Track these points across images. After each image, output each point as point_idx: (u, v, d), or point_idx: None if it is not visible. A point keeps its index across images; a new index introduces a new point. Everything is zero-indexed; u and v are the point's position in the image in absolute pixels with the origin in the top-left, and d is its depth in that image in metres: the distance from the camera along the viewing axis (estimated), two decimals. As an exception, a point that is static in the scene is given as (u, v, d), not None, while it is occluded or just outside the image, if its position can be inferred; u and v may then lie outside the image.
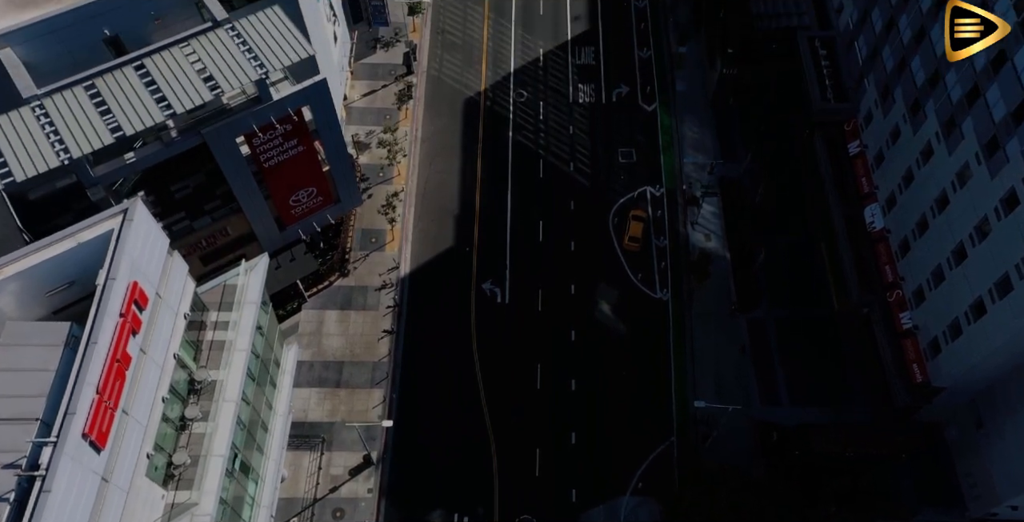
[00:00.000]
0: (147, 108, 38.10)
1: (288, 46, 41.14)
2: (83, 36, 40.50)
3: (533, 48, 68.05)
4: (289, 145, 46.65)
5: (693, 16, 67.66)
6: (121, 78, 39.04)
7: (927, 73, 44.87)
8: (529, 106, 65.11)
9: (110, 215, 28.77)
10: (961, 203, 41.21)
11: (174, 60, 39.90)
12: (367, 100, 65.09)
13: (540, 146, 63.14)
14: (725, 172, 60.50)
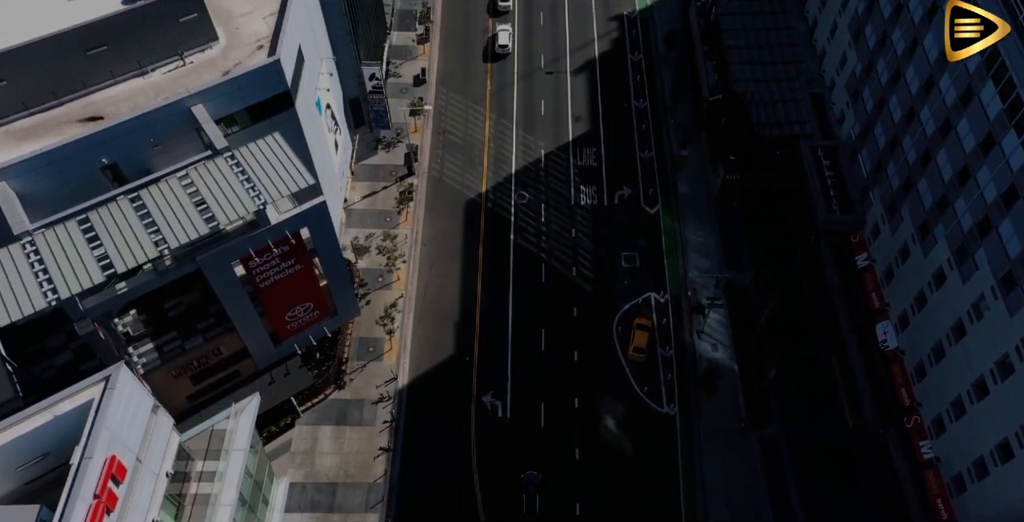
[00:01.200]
0: (141, 243, 37.16)
1: (288, 175, 40.55)
2: (81, 166, 39.96)
3: (534, 149, 68.12)
4: (286, 265, 45.57)
5: (694, 118, 68.02)
6: (116, 210, 38.26)
7: (935, 197, 44.32)
8: (530, 208, 64.64)
9: (91, 383, 27.34)
10: (979, 335, 39.91)
11: (171, 191, 39.24)
12: (368, 202, 64.65)
13: (542, 249, 62.33)
14: (731, 278, 59.46)
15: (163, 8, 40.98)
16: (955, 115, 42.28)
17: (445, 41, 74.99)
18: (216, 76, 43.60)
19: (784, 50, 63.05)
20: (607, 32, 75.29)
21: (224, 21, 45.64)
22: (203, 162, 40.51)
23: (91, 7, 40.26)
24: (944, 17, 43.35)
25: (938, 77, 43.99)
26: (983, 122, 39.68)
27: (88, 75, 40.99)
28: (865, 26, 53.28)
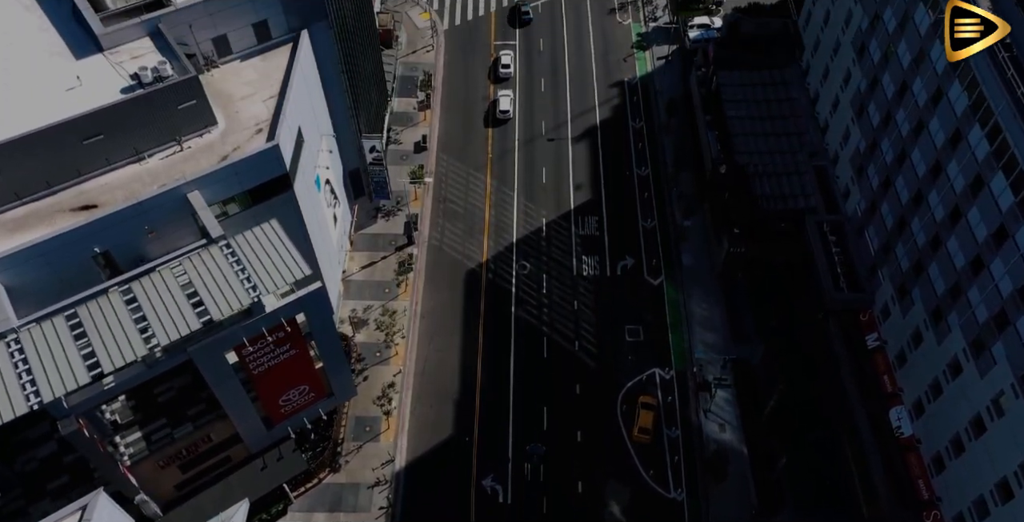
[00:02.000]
0: (130, 341, 35.92)
1: (284, 266, 39.54)
2: (72, 256, 39.02)
3: (535, 217, 67.41)
4: (281, 350, 44.18)
5: (697, 187, 67.49)
6: (105, 304, 37.14)
7: (947, 283, 43.26)
8: (532, 279, 63.59)
9: (67, 514, 25.76)
10: (1001, 434, 38.34)
11: (163, 282, 38.19)
12: (366, 272, 63.62)
13: (544, 322, 61.03)
14: (738, 354, 58.01)
15: (162, 96, 40.58)
16: (965, 203, 41.52)
17: (446, 107, 75.04)
18: (214, 161, 43.01)
19: (787, 122, 62.93)
20: (608, 98, 75.41)
21: (224, 104, 45.29)
22: (197, 251, 39.62)
23: (89, 96, 39.92)
24: (949, 101, 43.24)
25: (946, 162, 43.40)
26: (994, 213, 38.86)
27: (83, 163, 40.37)
28: (868, 103, 53.04)
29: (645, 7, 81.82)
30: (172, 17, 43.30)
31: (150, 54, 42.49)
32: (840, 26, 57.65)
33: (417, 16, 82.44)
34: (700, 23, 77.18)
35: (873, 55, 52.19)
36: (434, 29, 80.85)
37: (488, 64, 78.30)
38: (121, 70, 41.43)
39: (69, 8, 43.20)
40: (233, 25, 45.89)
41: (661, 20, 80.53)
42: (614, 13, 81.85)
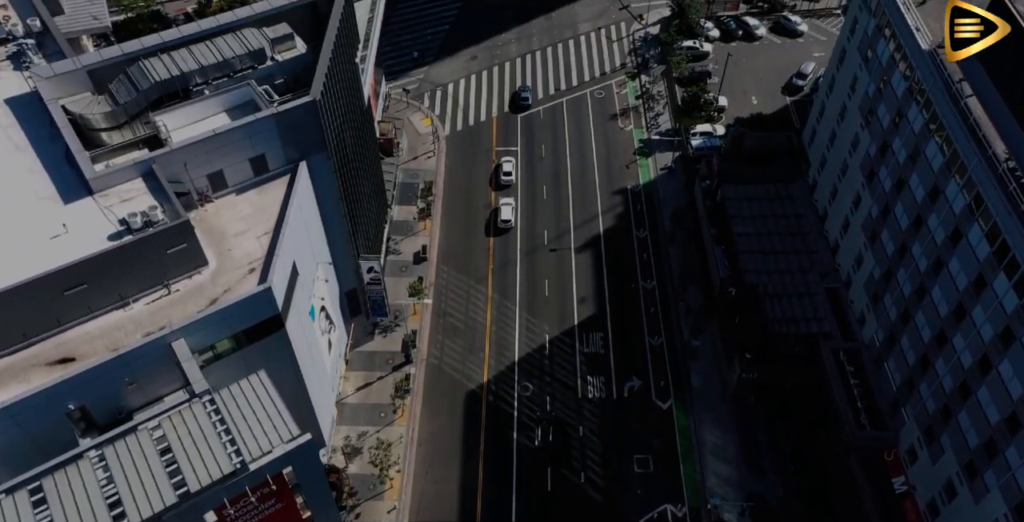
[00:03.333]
0: (96, 519, 32.96)
1: (271, 426, 36.91)
2: (46, 415, 36.52)
3: (538, 333, 65.10)
4: (265, 506, 40.91)
5: (705, 302, 65.47)
6: (74, 474, 34.28)
7: (980, 438, 40.51)
8: (535, 401, 60.70)
9: None
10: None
11: (139, 447, 35.40)
12: (362, 394, 60.80)
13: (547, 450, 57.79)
14: (755, 489, 54.54)
15: (151, 242, 38.97)
16: (994, 353, 39.27)
17: (447, 215, 73.98)
18: (203, 304, 41.02)
19: (795, 239, 61.51)
20: (611, 207, 74.43)
21: (216, 241, 43.71)
22: (179, 409, 37.09)
23: (75, 244, 38.32)
24: (969, 243, 41.55)
25: (970, 306, 41.40)
26: (1029, 370, 36.58)
27: (64, 313, 38.36)
28: (881, 231, 51.62)
29: (647, 113, 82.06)
30: (167, 157, 42.27)
31: (141, 196, 41.17)
32: (847, 148, 56.98)
33: (419, 121, 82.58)
34: (702, 131, 77.07)
35: (884, 183, 51.16)
36: (435, 135, 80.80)
37: (489, 170, 77.77)
38: (110, 214, 40.00)
39: (62, 149, 42.23)
40: (230, 161, 44.87)
41: (663, 126, 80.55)
42: (616, 119, 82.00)
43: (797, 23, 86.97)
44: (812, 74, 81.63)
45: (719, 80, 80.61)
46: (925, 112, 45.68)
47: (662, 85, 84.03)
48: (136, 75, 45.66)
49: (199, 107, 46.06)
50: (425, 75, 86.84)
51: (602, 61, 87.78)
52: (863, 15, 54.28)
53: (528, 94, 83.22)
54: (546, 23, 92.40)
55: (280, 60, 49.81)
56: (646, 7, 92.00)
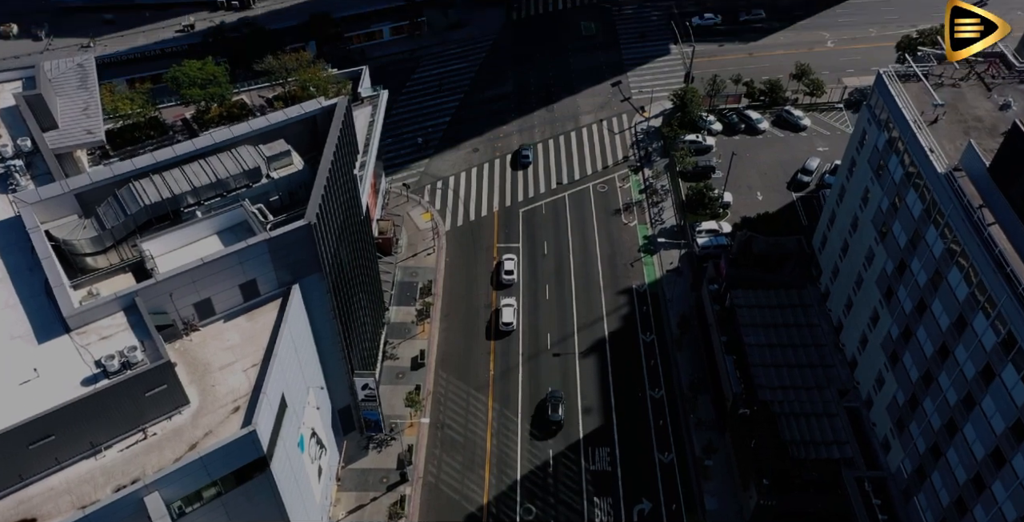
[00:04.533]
0: None
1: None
2: (-3, 586, 33.26)
3: (541, 448, 61.60)
4: None
5: (716, 415, 62.24)
6: None
7: (1030, 602, 36.78)
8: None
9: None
10: None
11: None
12: (354, 517, 56.91)
13: (552, 585, 53.64)
14: None
15: (129, 386, 36.33)
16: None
17: (446, 316, 71.55)
18: (182, 449, 38.02)
19: (810, 351, 58.84)
20: (616, 308, 72.11)
21: (200, 376, 41.07)
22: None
23: (45, 390, 35.66)
24: (1003, 384, 38.82)
25: (1009, 453, 38.37)
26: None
27: (27, 468, 35.38)
28: (903, 354, 49.04)
29: (651, 208, 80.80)
30: (152, 289, 40.15)
31: (121, 333, 38.79)
32: (861, 261, 55.04)
33: (419, 216, 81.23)
34: (708, 228, 75.51)
35: (903, 303, 48.90)
36: (435, 231, 79.25)
37: (490, 268, 75.82)
38: (87, 355, 37.53)
39: (42, 280, 40.14)
40: (218, 288, 42.72)
41: (668, 222, 79.12)
42: (619, 214, 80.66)
43: (799, 117, 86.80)
44: (817, 170, 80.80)
45: (723, 175, 79.69)
46: (945, 238, 43.82)
47: (666, 179, 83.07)
48: (125, 198, 44.09)
49: (189, 231, 44.28)
50: (426, 168, 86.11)
51: (604, 154, 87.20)
52: (872, 129, 53.29)
53: (529, 152, 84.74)
54: (548, 115, 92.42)
55: (276, 177, 48.49)
56: (648, 99, 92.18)
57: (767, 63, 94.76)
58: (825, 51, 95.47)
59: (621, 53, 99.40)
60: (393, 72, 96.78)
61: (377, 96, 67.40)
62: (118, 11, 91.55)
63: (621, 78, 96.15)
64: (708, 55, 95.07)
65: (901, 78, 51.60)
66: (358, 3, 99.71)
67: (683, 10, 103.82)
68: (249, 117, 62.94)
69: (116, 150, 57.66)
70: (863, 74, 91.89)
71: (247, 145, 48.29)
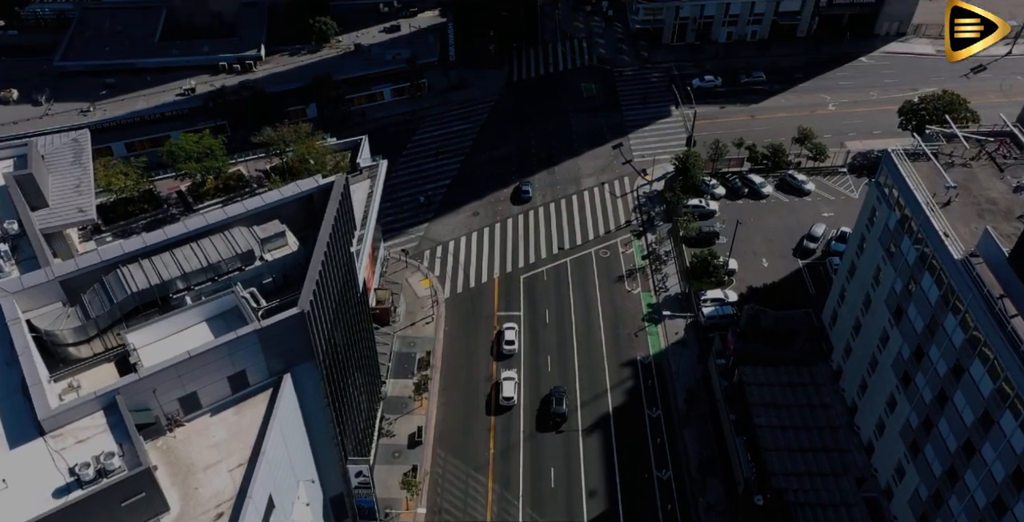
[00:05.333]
0: None
1: None
2: None
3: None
4: None
5: (726, 497, 59.37)
6: None
7: None
8: None
9: None
10: None
11: None
12: (344, 614, 53.66)
13: None
14: None
15: (104, 496, 33.99)
16: None
17: (445, 390, 69.19)
18: (157, 563, 35.59)
19: (824, 434, 56.45)
20: (621, 381, 69.81)
21: (182, 478, 38.66)
22: None
23: (11, 504, 33.24)
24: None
25: (1046, 567, 35.84)
26: None
27: (-9, 589, 32.88)
28: (924, 444, 46.68)
29: (654, 275, 79.24)
30: (134, 386, 38.14)
31: (99, 436, 36.55)
32: (875, 342, 53.14)
33: (417, 283, 79.61)
34: (713, 297, 73.75)
35: (922, 391, 46.82)
36: (434, 298, 77.48)
37: (491, 338, 73.78)
38: (61, 461, 35.27)
39: (19, 377, 38.14)
40: (205, 381, 40.67)
41: (672, 290, 77.44)
42: (622, 281, 79.03)
43: (803, 181, 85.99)
44: (823, 236, 79.53)
45: (729, 241, 78.38)
46: (965, 327, 42.03)
47: (669, 245, 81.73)
48: (112, 285, 42.42)
49: (177, 319, 42.50)
50: (425, 232, 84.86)
51: (606, 218, 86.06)
52: (882, 207, 52.08)
53: (529, 188, 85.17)
54: (549, 177, 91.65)
55: (270, 260, 46.96)
56: (650, 161, 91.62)
57: (769, 126, 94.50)
58: (827, 114, 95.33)
59: (622, 115, 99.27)
60: (394, 133, 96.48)
61: (376, 166, 66.51)
62: (120, 75, 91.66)
63: (622, 140, 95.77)
64: (710, 117, 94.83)
65: (910, 157, 50.60)
66: (359, 66, 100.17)
67: (683, 72, 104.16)
68: (246, 189, 62.00)
69: (108, 225, 56.36)
70: (866, 137, 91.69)
71: (240, 226, 46.89)
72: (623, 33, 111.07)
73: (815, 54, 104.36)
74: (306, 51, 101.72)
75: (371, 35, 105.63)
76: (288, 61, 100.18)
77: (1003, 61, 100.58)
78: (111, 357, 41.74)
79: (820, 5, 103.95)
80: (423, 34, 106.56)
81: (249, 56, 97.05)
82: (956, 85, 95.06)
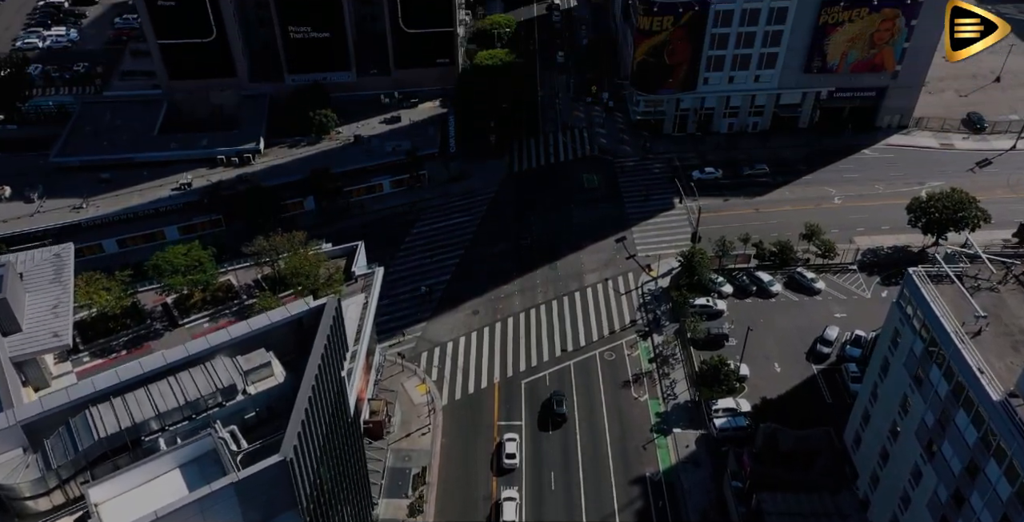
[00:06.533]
0: None
1: None
2: None
3: None
4: None
5: None
6: None
7: None
8: None
9: None
10: None
11: None
12: None
13: None
14: None
15: None
16: None
17: (441, 511, 64.49)
18: None
19: (854, 574, 51.86)
20: (629, 501, 65.15)
21: None
22: None
23: None
24: None
25: None
26: None
27: None
28: (970, 602, 42.14)
29: (662, 380, 75.61)
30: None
31: (48, 618, 32.61)
32: (906, 477, 49.15)
33: (413, 388, 75.85)
34: (725, 407, 69.99)
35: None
36: (431, 406, 73.44)
37: (491, 450, 69.55)
38: None
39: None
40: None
41: (681, 397, 73.66)
42: (629, 386, 75.31)
43: (812, 280, 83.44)
44: (837, 340, 76.40)
45: (737, 342, 75.15)
46: (1011, 478, 38.34)
47: (676, 348, 78.47)
48: (79, 429, 39.00)
49: (147, 467, 38.88)
50: (423, 332, 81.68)
51: (611, 317, 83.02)
52: (906, 331, 49.16)
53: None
54: (551, 273, 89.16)
55: (253, 393, 43.73)
56: (656, 257, 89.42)
57: (774, 219, 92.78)
58: (833, 208, 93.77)
59: (624, 207, 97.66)
60: (392, 225, 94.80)
61: (372, 274, 64.03)
62: (117, 169, 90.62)
63: (625, 233, 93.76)
64: (714, 210, 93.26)
65: (933, 279, 48.05)
66: (359, 157, 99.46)
67: (685, 163, 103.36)
68: (235, 301, 59.26)
69: (87, 344, 53.37)
70: (874, 233, 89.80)
71: (224, 356, 43.93)
72: (624, 123, 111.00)
73: (817, 146, 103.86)
74: (306, 143, 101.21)
75: (371, 126, 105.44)
76: (287, 153, 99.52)
77: (1008, 155, 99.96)
78: (71, 512, 37.96)
79: (821, 98, 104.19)
80: (423, 125, 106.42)
81: (248, 149, 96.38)
82: (962, 180, 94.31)
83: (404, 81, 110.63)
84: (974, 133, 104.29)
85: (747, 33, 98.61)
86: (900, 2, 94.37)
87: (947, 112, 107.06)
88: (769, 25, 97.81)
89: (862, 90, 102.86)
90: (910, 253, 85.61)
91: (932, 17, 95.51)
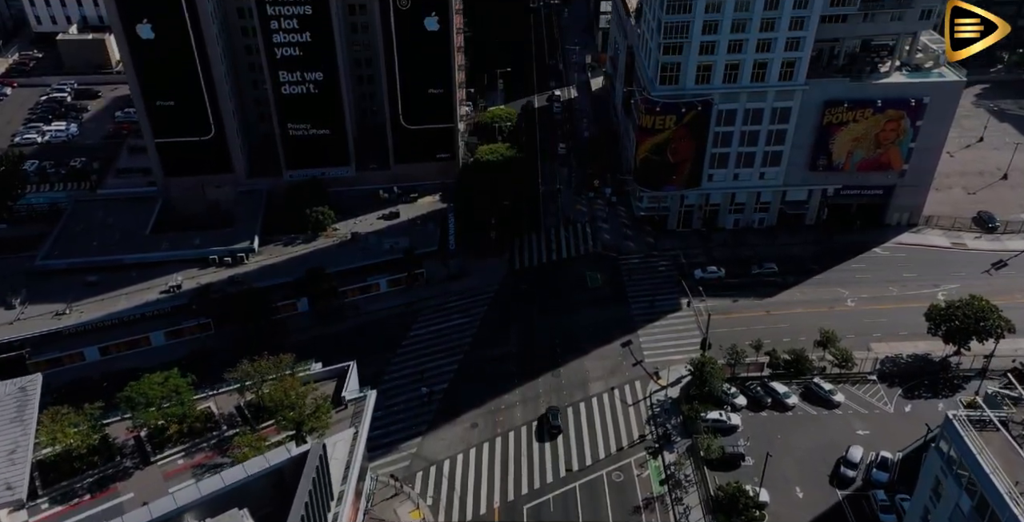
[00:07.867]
0: None
1: None
2: None
3: None
4: None
5: None
6: None
7: None
8: None
9: None
10: None
11: None
12: None
13: None
14: None
15: None
16: None
17: None
18: None
19: None
20: None
21: None
22: None
23: None
24: None
25: None
26: None
27: None
28: None
29: (675, 506, 69.89)
30: None
31: None
32: None
33: (407, 514, 70.19)
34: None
35: None
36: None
37: (491, 590, 63.50)
38: None
39: None
40: None
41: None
42: (639, 513, 69.46)
43: (831, 391, 78.94)
44: (862, 463, 71.26)
45: (757, 463, 69.93)
46: None
47: (689, 467, 73.24)
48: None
49: None
50: (418, 449, 76.52)
51: (618, 432, 78.02)
52: (950, 484, 44.55)
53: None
54: (554, 381, 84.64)
55: (223, 563, 38.95)
56: (663, 362, 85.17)
57: (786, 323, 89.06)
58: (847, 311, 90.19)
59: (629, 308, 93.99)
60: (389, 327, 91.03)
61: (364, 399, 59.75)
62: (104, 271, 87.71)
63: (631, 337, 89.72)
64: (723, 311, 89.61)
65: (975, 424, 43.88)
66: (355, 256, 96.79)
67: (691, 260, 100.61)
68: (214, 433, 54.72)
69: (46, 488, 48.48)
70: (892, 339, 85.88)
71: (192, 519, 39.44)
72: (627, 218, 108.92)
73: (826, 243, 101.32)
74: (301, 241, 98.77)
75: (369, 222, 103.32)
76: (282, 252, 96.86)
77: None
78: None
79: (827, 195, 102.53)
80: (422, 222, 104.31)
81: (241, 249, 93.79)
82: (979, 282, 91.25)
83: (404, 176, 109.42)
84: (986, 232, 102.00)
85: (751, 132, 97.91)
86: (904, 104, 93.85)
87: (956, 210, 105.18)
88: (773, 124, 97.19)
89: (869, 188, 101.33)
90: (932, 362, 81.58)
91: (937, 118, 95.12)
